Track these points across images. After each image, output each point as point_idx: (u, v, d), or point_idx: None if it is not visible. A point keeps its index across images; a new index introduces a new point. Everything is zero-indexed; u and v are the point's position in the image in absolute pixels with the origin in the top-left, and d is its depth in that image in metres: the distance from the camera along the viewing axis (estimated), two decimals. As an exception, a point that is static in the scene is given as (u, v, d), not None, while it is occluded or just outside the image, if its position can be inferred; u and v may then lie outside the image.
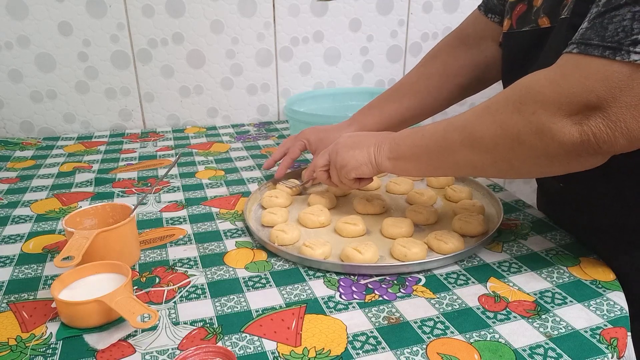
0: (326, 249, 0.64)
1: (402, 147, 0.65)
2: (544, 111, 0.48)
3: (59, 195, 0.87)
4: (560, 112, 0.48)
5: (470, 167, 0.59)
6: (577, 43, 0.48)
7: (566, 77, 0.48)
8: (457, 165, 0.60)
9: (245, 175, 0.96)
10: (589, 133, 0.47)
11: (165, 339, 0.51)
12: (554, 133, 0.48)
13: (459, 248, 0.64)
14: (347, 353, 0.48)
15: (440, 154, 0.61)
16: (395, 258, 0.64)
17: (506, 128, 0.52)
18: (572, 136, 0.48)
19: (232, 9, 1.26)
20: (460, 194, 0.80)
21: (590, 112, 0.47)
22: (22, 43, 1.18)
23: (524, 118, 0.50)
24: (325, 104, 1.31)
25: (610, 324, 0.51)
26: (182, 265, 0.64)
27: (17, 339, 0.51)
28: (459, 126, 0.58)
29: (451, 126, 0.59)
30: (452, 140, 0.58)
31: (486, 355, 0.48)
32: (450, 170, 0.63)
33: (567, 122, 0.48)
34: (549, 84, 0.49)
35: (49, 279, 0.62)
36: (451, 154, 0.59)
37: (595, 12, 0.48)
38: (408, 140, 0.65)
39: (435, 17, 1.41)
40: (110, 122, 1.30)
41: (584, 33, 0.48)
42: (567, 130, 0.48)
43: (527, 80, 0.51)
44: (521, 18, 0.67)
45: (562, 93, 0.47)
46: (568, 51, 0.49)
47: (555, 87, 0.48)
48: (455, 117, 0.60)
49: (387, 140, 0.68)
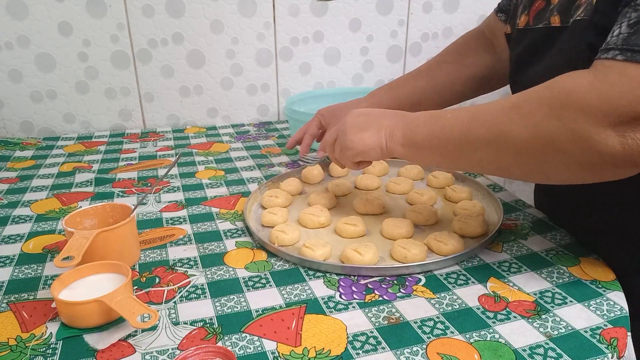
0: (326, 250, 0.64)
1: (419, 135, 0.61)
2: (587, 120, 0.46)
3: (59, 195, 0.87)
4: (604, 122, 0.45)
5: (494, 166, 0.56)
6: (620, 49, 0.46)
7: (613, 85, 0.45)
8: (480, 162, 0.57)
9: (245, 175, 0.96)
10: (632, 146, 0.45)
11: (165, 339, 0.51)
12: (595, 143, 0.46)
13: (458, 249, 0.64)
14: (347, 353, 0.48)
15: (462, 149, 0.57)
16: (395, 259, 0.64)
17: (541, 133, 0.49)
18: (613, 148, 0.45)
19: (232, 9, 1.26)
20: (460, 194, 0.80)
21: (636, 123, 0.44)
22: (22, 43, 1.18)
23: (563, 125, 0.47)
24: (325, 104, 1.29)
25: (610, 324, 0.51)
26: (182, 265, 0.64)
27: (17, 339, 0.51)
28: (485, 122, 0.54)
29: (476, 121, 0.55)
30: (478, 137, 0.55)
31: (486, 355, 0.48)
32: (471, 166, 0.61)
33: (611, 133, 0.45)
34: (593, 90, 0.46)
35: (49, 279, 0.62)
36: (475, 151, 0.56)
37: (636, 17, 0.46)
38: (426, 128, 0.61)
39: (435, 17, 1.41)
40: (110, 122, 1.30)
41: (626, 39, 0.46)
42: (610, 141, 0.45)
43: (566, 84, 0.48)
44: (538, 15, 0.67)
45: (609, 102, 0.45)
46: (610, 57, 0.47)
47: (601, 95, 0.45)
48: (479, 109, 0.56)
49: (401, 124, 0.64)
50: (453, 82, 0.86)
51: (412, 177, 0.90)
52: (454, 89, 0.86)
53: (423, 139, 0.61)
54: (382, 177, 0.92)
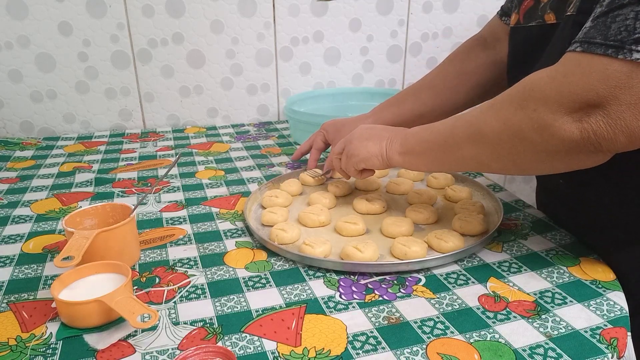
0: (326, 247, 0.64)
1: (412, 142, 0.67)
2: (545, 108, 0.49)
3: (59, 195, 0.87)
4: (561, 110, 0.48)
5: (475, 162, 0.60)
6: (580, 42, 0.49)
7: (567, 75, 0.48)
8: (464, 160, 0.61)
9: (245, 175, 0.96)
10: (589, 130, 0.47)
11: (165, 339, 0.51)
12: (555, 130, 0.49)
13: (458, 247, 0.64)
14: (347, 353, 0.48)
15: (447, 149, 0.62)
16: (395, 257, 0.64)
17: (509, 124, 0.53)
18: (572, 133, 0.48)
19: (232, 9, 1.26)
20: (460, 194, 0.80)
21: (590, 110, 0.47)
22: (22, 43, 1.18)
23: (526, 115, 0.51)
24: (325, 104, 1.31)
25: (610, 324, 0.51)
26: (182, 265, 0.64)
27: (17, 339, 0.51)
28: (465, 122, 0.59)
29: (458, 122, 0.61)
30: (459, 136, 0.59)
31: (486, 355, 0.48)
32: (457, 165, 0.64)
33: (568, 120, 0.48)
34: (550, 81, 0.50)
35: (49, 279, 0.62)
36: (457, 149, 0.60)
37: (599, 12, 0.49)
38: (418, 135, 0.67)
39: (435, 17, 1.41)
40: (110, 122, 1.30)
41: (587, 32, 0.49)
42: (568, 127, 0.48)
43: (530, 79, 0.52)
44: (528, 13, 0.68)
45: (563, 91, 0.48)
46: (571, 50, 0.50)
47: (557, 84, 0.49)
48: (463, 113, 0.61)
49: (399, 135, 0.69)
50: (456, 92, 0.86)
51: (412, 178, 0.90)
52: (458, 99, 0.86)
53: (416, 144, 0.66)
54: (382, 178, 0.92)
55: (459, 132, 0.60)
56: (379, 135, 0.72)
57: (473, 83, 0.84)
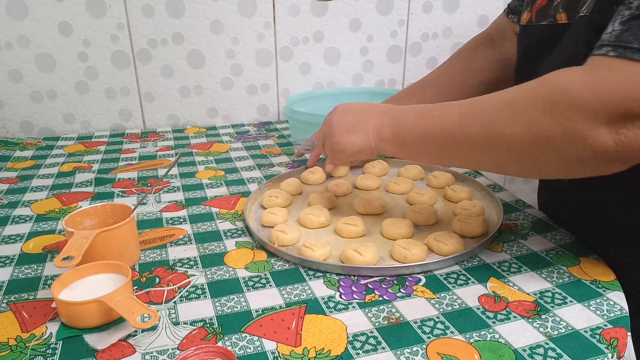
0: (326, 250, 0.64)
1: (409, 133, 0.61)
2: (581, 117, 0.46)
3: (59, 195, 0.87)
4: (597, 119, 0.45)
5: (489, 163, 0.56)
6: (612, 45, 0.46)
7: (605, 82, 0.45)
8: (475, 160, 0.57)
9: (245, 175, 0.96)
10: (625, 143, 0.45)
11: (165, 339, 0.51)
12: (589, 141, 0.46)
13: (458, 249, 0.64)
14: (347, 353, 0.48)
15: (455, 148, 0.57)
16: (395, 259, 0.64)
17: (535, 131, 0.49)
18: (606, 144, 0.46)
19: (232, 9, 1.26)
20: (460, 194, 0.80)
21: (629, 120, 0.45)
22: (22, 43, 1.18)
23: (557, 122, 0.47)
24: (325, 104, 1.31)
25: (610, 324, 0.51)
26: (182, 265, 0.64)
27: (17, 339, 0.51)
28: (478, 120, 0.54)
29: (469, 119, 0.55)
30: (471, 136, 0.54)
31: (486, 355, 0.48)
32: (466, 163, 0.60)
33: (604, 130, 0.46)
34: (586, 87, 0.46)
35: (49, 279, 0.62)
36: (469, 150, 0.56)
37: (629, 15, 0.46)
38: (415, 125, 0.61)
39: (435, 17, 1.41)
40: (110, 122, 1.30)
41: (619, 35, 0.46)
42: (603, 138, 0.46)
43: (559, 80, 0.49)
44: (541, 11, 0.67)
45: (601, 99, 0.45)
46: (602, 53, 0.47)
47: (594, 92, 0.46)
48: (471, 105, 0.56)
49: (388, 123, 0.64)
50: (461, 89, 0.85)
51: (412, 177, 0.90)
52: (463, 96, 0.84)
53: (415, 137, 0.61)
54: (382, 177, 0.92)
55: (470, 132, 0.54)
56: (363, 123, 0.65)
57: (479, 80, 0.84)
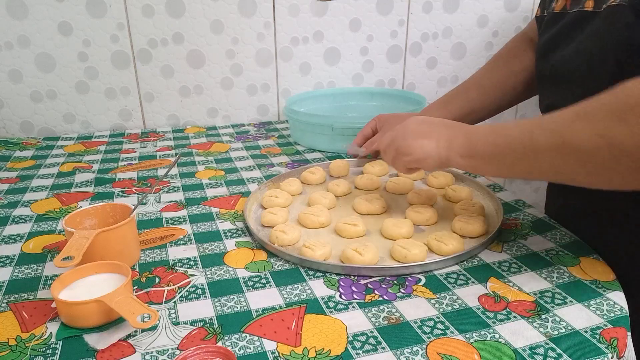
0: (326, 250, 0.64)
1: (480, 145, 0.60)
2: None
3: (59, 195, 0.87)
4: None
5: (557, 173, 0.55)
6: None
7: None
8: (541, 171, 0.55)
9: (245, 175, 0.96)
10: None
11: (165, 339, 0.51)
12: None
13: (459, 249, 0.64)
14: (347, 353, 0.48)
15: (523, 158, 0.56)
16: (395, 259, 0.64)
17: (608, 138, 0.48)
18: None
19: (232, 9, 1.26)
20: (460, 194, 0.80)
21: None
22: (22, 43, 1.18)
23: (630, 129, 0.46)
24: (325, 104, 1.31)
25: (610, 324, 0.51)
26: (182, 265, 0.64)
27: (17, 339, 0.51)
28: (548, 129, 0.53)
29: (539, 128, 0.54)
30: (540, 144, 0.53)
31: (486, 355, 0.48)
32: (532, 174, 0.58)
33: None
34: None
35: (49, 279, 0.62)
36: (536, 159, 0.54)
37: None
38: (486, 138, 0.60)
39: (435, 17, 1.41)
40: (110, 122, 1.30)
41: None
42: None
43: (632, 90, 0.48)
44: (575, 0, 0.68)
45: None
46: None
47: None
48: (542, 117, 0.56)
49: (460, 135, 0.63)
50: (503, 90, 0.86)
51: (412, 177, 0.90)
52: (505, 97, 0.87)
53: (485, 148, 0.60)
54: (382, 177, 0.92)
55: (539, 140, 0.53)
56: (436, 132, 0.65)
57: (521, 80, 0.85)
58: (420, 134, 0.67)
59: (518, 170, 0.58)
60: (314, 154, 1.08)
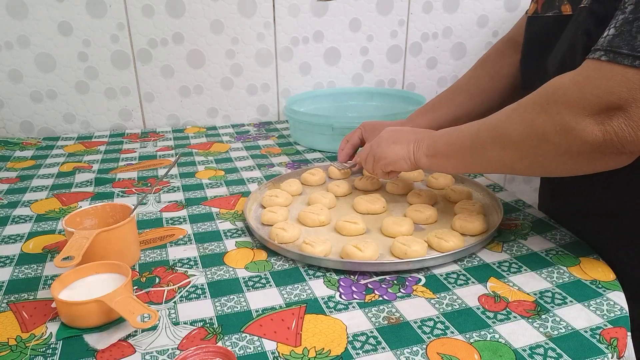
0: (326, 246, 0.64)
1: (439, 144, 0.68)
2: (568, 111, 0.50)
3: (59, 195, 0.87)
4: (583, 112, 0.50)
5: (500, 163, 0.61)
6: (604, 50, 0.49)
7: (591, 80, 0.50)
8: (489, 162, 0.62)
9: (245, 175, 0.96)
10: (611, 132, 0.49)
11: (165, 339, 0.51)
12: (577, 132, 0.50)
13: (459, 246, 0.64)
14: (347, 353, 0.48)
15: (473, 152, 0.63)
16: (395, 256, 0.64)
17: (533, 127, 0.54)
18: (594, 135, 0.49)
19: (232, 9, 1.26)
20: (460, 195, 0.80)
21: (612, 112, 0.48)
22: (22, 43, 1.18)
23: (549, 118, 0.52)
24: (325, 104, 1.31)
25: (610, 324, 0.51)
26: (182, 265, 0.64)
27: (17, 339, 0.51)
28: (490, 125, 0.61)
29: (484, 126, 0.62)
30: (484, 139, 0.61)
31: (486, 355, 0.48)
32: (482, 166, 0.66)
33: (590, 122, 0.49)
34: (573, 85, 0.51)
35: (49, 279, 0.62)
36: (483, 152, 0.62)
37: (622, 19, 0.49)
38: (444, 138, 0.68)
39: (435, 17, 1.41)
40: (110, 122, 1.30)
41: (611, 40, 0.49)
42: (590, 129, 0.49)
43: (552, 83, 0.54)
44: (547, 3, 0.69)
45: (585, 94, 0.49)
46: (596, 57, 0.50)
47: (580, 88, 0.50)
48: (488, 117, 0.62)
49: (425, 138, 0.71)
50: (490, 95, 0.86)
51: (412, 179, 0.90)
52: (492, 101, 0.87)
53: (443, 147, 0.68)
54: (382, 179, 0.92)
55: (484, 135, 0.61)
56: (406, 138, 0.73)
57: (506, 85, 0.85)
58: (393, 140, 0.75)
59: (471, 163, 0.65)
60: (314, 154, 1.08)
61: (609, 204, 0.66)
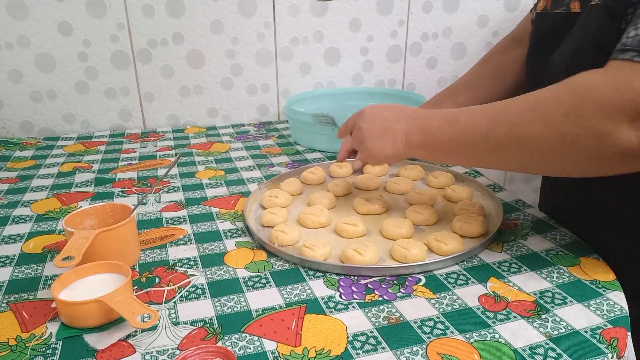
0: (326, 250, 0.64)
1: (437, 138, 0.63)
2: (605, 116, 0.48)
3: (59, 195, 0.87)
4: (621, 118, 0.47)
5: (516, 164, 0.59)
6: (637, 50, 0.48)
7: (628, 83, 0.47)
8: (502, 161, 0.59)
9: (245, 175, 0.96)
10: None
11: (165, 339, 0.51)
12: (613, 138, 0.48)
13: (458, 249, 0.64)
14: (347, 353, 0.48)
15: (482, 151, 0.59)
16: (395, 259, 0.64)
17: (561, 131, 0.51)
18: (630, 142, 0.48)
19: (232, 9, 1.26)
20: (461, 194, 0.80)
21: None
22: (22, 43, 1.18)
23: (582, 122, 0.49)
24: (325, 104, 1.31)
25: (610, 324, 0.51)
26: (182, 265, 0.64)
27: (17, 339, 0.51)
28: (505, 124, 0.56)
29: (495, 124, 0.57)
30: (498, 139, 0.56)
31: (486, 355, 0.48)
32: (494, 165, 0.62)
33: (628, 129, 0.47)
34: (609, 88, 0.48)
35: (49, 279, 0.62)
36: (496, 152, 0.58)
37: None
38: (443, 132, 0.62)
39: (435, 17, 1.41)
40: (110, 122, 1.30)
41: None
42: (627, 136, 0.47)
43: (583, 82, 0.50)
44: (556, 0, 0.69)
45: (625, 99, 0.47)
46: (627, 58, 0.48)
47: (617, 92, 0.47)
48: (497, 110, 0.58)
49: (415, 128, 0.65)
50: (495, 93, 0.86)
51: (412, 177, 0.90)
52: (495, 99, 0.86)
53: (443, 142, 0.63)
54: (382, 177, 0.92)
55: (497, 136, 0.56)
56: (390, 130, 0.68)
57: (510, 82, 0.85)
58: (376, 135, 0.69)
59: (480, 161, 0.62)
60: (314, 154, 1.08)
61: (610, 203, 0.66)
